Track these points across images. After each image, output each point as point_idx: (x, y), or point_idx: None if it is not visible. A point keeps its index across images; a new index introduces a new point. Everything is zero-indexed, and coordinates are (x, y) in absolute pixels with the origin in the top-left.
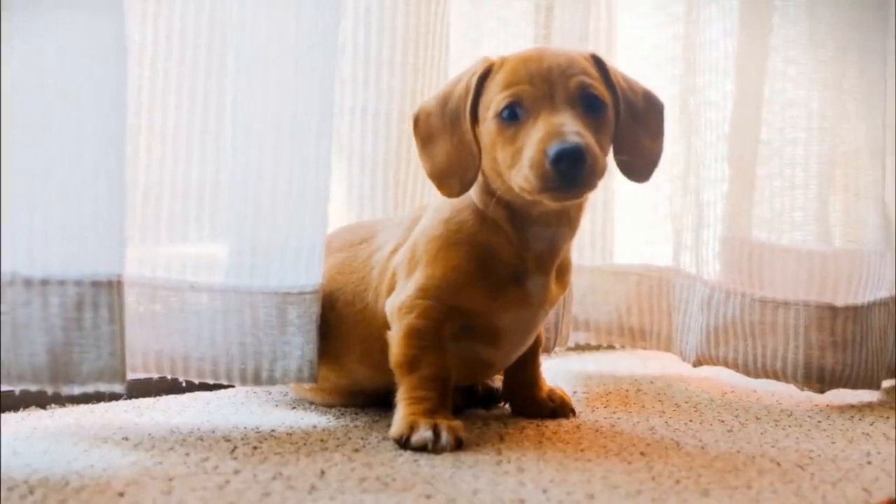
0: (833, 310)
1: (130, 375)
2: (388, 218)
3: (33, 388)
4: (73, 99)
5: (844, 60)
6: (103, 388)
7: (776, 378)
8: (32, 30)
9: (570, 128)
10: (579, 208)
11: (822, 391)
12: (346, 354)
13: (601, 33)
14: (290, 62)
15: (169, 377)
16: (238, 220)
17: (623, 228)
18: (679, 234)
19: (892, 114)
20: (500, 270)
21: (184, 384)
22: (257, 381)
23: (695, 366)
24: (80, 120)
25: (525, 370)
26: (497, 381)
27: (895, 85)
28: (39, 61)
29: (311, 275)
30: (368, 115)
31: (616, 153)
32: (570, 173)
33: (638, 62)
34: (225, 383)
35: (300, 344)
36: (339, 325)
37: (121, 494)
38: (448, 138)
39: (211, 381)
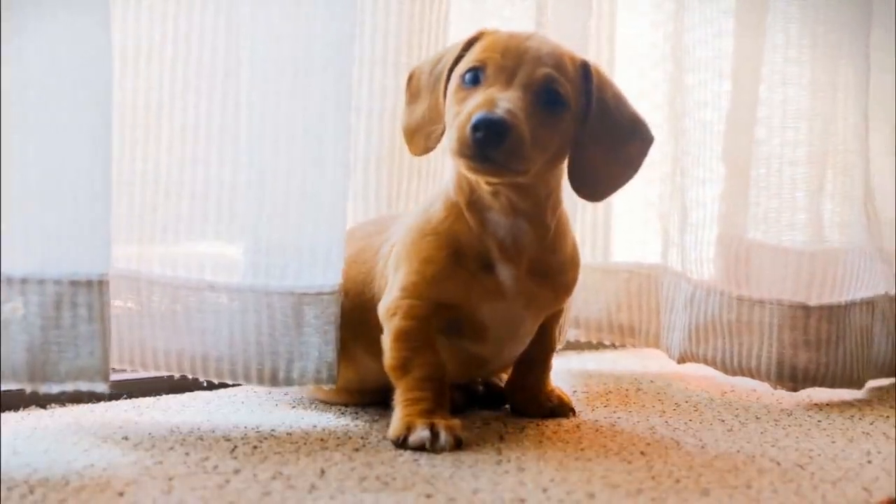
0: (806, 309)
1: (151, 373)
2: (404, 213)
3: (12, 386)
4: (56, 99)
5: (836, 59)
6: (83, 386)
7: (751, 376)
8: (15, 29)
9: (504, 104)
10: (536, 205)
11: (795, 390)
12: (355, 344)
13: (594, 31)
14: (306, 61)
15: (189, 377)
16: (255, 219)
17: (619, 227)
18: (667, 231)
19: (875, 111)
20: (469, 258)
21: (205, 383)
22: (275, 381)
23: (679, 363)
24: (63, 120)
25: (532, 372)
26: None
27: None
28: (21, 60)
29: (328, 275)
30: (361, 114)
31: (572, 162)
32: (485, 144)
33: (637, 60)
34: (243, 384)
35: (317, 345)
36: (351, 313)
37: (121, 494)
38: (428, 97)
39: (230, 382)
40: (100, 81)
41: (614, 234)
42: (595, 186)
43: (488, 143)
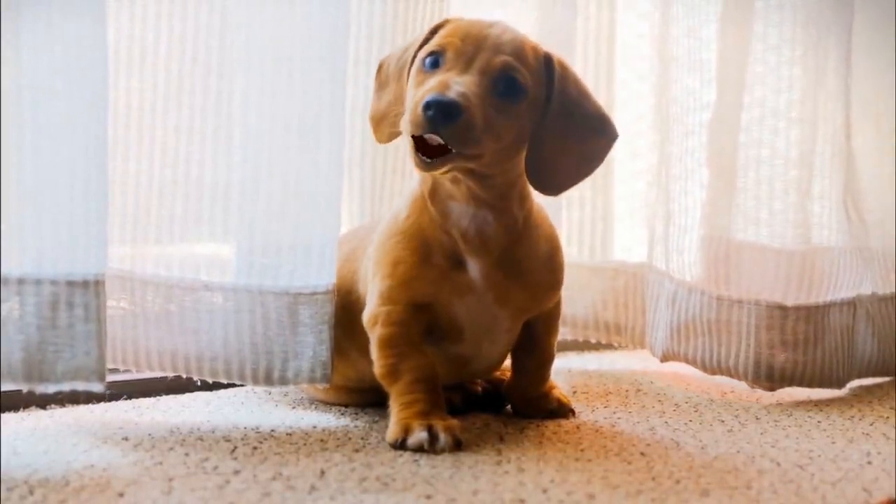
0: (783, 309)
1: (151, 374)
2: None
3: (8, 386)
4: (52, 99)
5: (819, 61)
6: (80, 386)
7: (730, 375)
8: (12, 30)
9: (458, 87)
10: (499, 196)
11: (772, 389)
12: (349, 344)
13: (585, 32)
14: (300, 60)
15: (184, 376)
16: (249, 219)
17: (614, 226)
18: (653, 230)
19: (868, 112)
20: (437, 254)
21: (211, 383)
22: (269, 381)
23: (662, 361)
24: (59, 120)
25: (531, 374)
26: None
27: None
28: (17, 61)
29: (322, 275)
30: (346, 112)
31: (529, 153)
32: (435, 123)
33: (637, 62)
34: (238, 383)
35: (312, 344)
36: (342, 312)
37: (121, 494)
38: (394, 85)
39: (224, 381)
40: (96, 82)
41: (610, 232)
42: (550, 179)
43: (438, 123)
